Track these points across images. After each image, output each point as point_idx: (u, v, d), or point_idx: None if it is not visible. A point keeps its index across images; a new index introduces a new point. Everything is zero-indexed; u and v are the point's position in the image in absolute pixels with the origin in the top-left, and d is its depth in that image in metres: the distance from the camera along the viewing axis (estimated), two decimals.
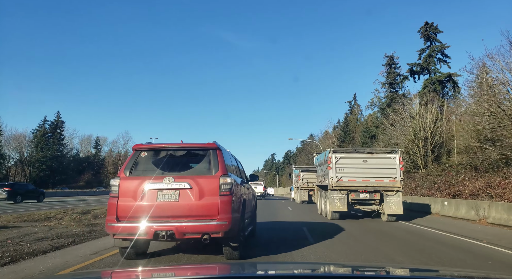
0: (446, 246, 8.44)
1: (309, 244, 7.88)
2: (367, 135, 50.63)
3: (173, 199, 5.44)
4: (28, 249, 6.84)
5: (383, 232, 10.62)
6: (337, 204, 13.28)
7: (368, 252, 7.38)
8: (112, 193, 5.60)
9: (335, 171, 13.35)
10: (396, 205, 13.00)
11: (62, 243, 7.59)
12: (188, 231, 5.34)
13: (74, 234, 8.49)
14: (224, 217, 5.38)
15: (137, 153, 5.92)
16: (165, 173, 5.65)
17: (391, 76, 49.83)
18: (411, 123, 30.20)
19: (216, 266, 3.24)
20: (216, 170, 5.68)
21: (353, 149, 14.77)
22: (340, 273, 2.44)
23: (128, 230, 5.35)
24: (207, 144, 6.04)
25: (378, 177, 13.23)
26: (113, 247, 6.72)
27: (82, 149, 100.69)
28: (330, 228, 11.33)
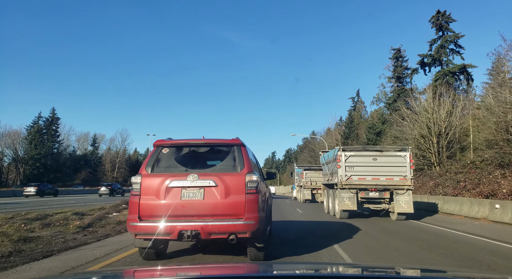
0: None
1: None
2: (373, 131, 48.40)
3: (197, 197, 5.20)
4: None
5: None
6: (347, 203, 13.10)
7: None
8: (133, 191, 5.32)
9: (344, 169, 13.11)
10: (407, 203, 12.83)
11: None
12: (214, 231, 5.10)
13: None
14: (251, 217, 5.15)
15: (159, 149, 5.63)
16: (189, 170, 5.42)
17: (398, 69, 47.56)
18: (424, 117, 27.94)
19: (244, 266, 3.13)
20: (242, 167, 5.43)
21: (363, 147, 14.40)
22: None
23: (151, 230, 5.10)
24: (231, 140, 5.78)
25: (388, 175, 12.99)
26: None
27: (79, 146, 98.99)
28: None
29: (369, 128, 49.81)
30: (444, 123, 26.99)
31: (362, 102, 69.83)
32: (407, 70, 47.30)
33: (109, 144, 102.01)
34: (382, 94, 55.68)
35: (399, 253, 6.99)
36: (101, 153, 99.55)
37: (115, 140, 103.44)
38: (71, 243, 7.18)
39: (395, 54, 48.01)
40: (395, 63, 48.30)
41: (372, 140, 48.16)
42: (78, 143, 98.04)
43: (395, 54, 48.01)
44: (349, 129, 56.70)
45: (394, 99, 46.53)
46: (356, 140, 53.61)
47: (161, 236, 5.13)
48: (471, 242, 8.54)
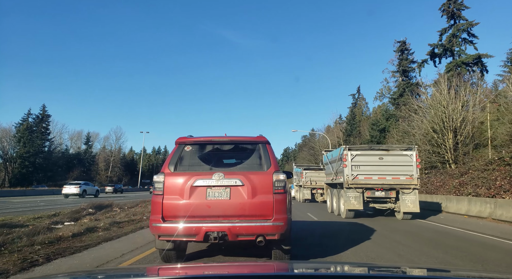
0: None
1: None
2: (377, 128, 45.92)
3: (223, 197, 4.95)
4: None
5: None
6: (353, 202, 13.09)
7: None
8: (156, 190, 5.05)
9: (350, 169, 13.07)
10: (413, 202, 12.87)
11: None
12: (242, 232, 4.82)
13: None
14: (279, 218, 4.91)
15: (181, 146, 5.40)
16: (213, 169, 5.19)
17: (403, 63, 45.10)
18: (439, 110, 25.44)
19: (273, 264, 2.95)
20: (268, 166, 5.20)
21: (369, 146, 14.31)
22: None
23: (175, 231, 4.81)
24: (256, 137, 5.60)
25: (394, 174, 12.96)
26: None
27: (72, 144, 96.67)
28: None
29: (373, 125, 47.33)
30: (460, 115, 24.54)
31: (363, 99, 67.47)
32: (413, 64, 44.92)
33: (103, 142, 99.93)
34: (386, 90, 53.32)
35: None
36: (95, 152, 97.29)
37: (109, 138, 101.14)
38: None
39: (400, 47, 45.57)
40: (400, 57, 45.87)
41: (376, 137, 45.74)
42: (71, 141, 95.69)
43: (400, 47, 45.57)
44: (351, 126, 54.24)
45: (399, 94, 44.10)
46: (359, 137, 51.20)
47: (186, 238, 4.95)
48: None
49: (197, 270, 2.34)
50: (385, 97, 52.71)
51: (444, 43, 32.01)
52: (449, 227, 11.33)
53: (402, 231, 10.11)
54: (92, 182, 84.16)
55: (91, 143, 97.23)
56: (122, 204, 15.72)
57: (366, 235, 9.09)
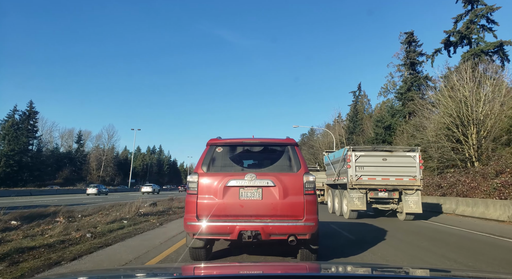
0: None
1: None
2: (382, 125, 42.86)
3: (256, 197, 5.08)
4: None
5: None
6: (356, 203, 13.20)
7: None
8: (190, 190, 5.21)
9: (354, 169, 13.20)
10: (415, 203, 12.98)
11: None
12: (274, 232, 4.94)
13: None
14: (310, 218, 5.04)
15: (212, 148, 5.52)
16: (245, 169, 5.36)
17: (411, 55, 42.11)
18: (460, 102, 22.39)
19: (305, 265, 3.10)
20: (298, 167, 5.29)
21: (372, 147, 14.22)
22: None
23: (210, 230, 5.00)
24: (285, 139, 5.68)
25: (397, 175, 13.10)
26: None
27: (63, 143, 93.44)
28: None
29: (377, 122, 44.26)
30: (485, 106, 21.54)
31: (365, 96, 64.52)
32: (421, 56, 42.00)
33: (95, 141, 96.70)
34: (391, 85, 50.31)
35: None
36: (87, 151, 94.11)
37: (102, 137, 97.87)
38: None
39: (407, 39, 42.60)
40: (408, 49, 42.90)
41: (381, 134, 42.71)
42: (62, 139, 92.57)
43: (407, 39, 42.60)
44: (354, 123, 51.20)
45: (407, 88, 41.13)
46: (362, 135, 48.19)
47: (220, 236, 5.13)
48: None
49: (232, 269, 2.44)
50: (390, 93, 49.71)
51: (461, 29, 28.98)
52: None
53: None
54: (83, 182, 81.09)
55: (83, 142, 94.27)
56: (80, 210, 12.69)
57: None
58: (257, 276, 2.03)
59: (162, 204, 17.79)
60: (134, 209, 12.24)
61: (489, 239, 9.01)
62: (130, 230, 8.88)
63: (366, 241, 8.07)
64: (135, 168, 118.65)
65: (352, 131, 49.85)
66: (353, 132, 49.83)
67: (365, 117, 55.41)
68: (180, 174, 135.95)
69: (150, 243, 7.41)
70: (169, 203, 18.70)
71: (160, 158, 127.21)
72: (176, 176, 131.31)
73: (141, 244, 7.22)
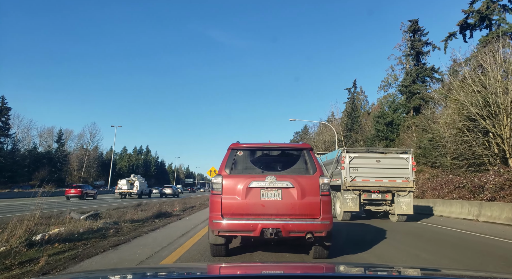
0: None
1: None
2: (383, 121, 39.25)
3: (276, 197, 5.43)
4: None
5: (420, 234, 10.14)
6: (349, 204, 13.32)
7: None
8: (214, 190, 5.56)
9: (349, 171, 13.34)
10: (407, 205, 13.21)
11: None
12: (294, 229, 5.31)
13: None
14: (326, 217, 5.40)
15: (234, 151, 5.90)
16: (265, 172, 5.66)
17: (416, 44, 38.66)
18: (488, 88, 18.71)
19: (323, 265, 3.11)
20: (314, 170, 5.64)
21: (366, 149, 14.77)
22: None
23: (234, 227, 5.37)
24: (301, 145, 6.10)
25: (391, 177, 13.24)
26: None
27: (42, 142, 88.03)
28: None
29: (378, 117, 40.49)
30: None
31: (362, 92, 61.10)
32: (426, 46, 38.64)
33: (77, 140, 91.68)
34: (392, 78, 46.88)
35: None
36: (69, 150, 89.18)
37: (84, 136, 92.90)
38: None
39: (412, 27, 39.07)
40: (412, 38, 39.48)
41: (382, 131, 39.02)
42: (41, 138, 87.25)
43: (412, 27, 39.07)
44: (352, 120, 47.55)
45: (412, 80, 37.65)
46: (361, 132, 44.54)
47: (244, 233, 5.44)
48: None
49: (254, 269, 2.52)
50: (391, 87, 46.21)
51: (481, 9, 25.44)
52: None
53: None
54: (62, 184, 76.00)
55: (64, 141, 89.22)
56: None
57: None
58: (278, 276, 2.12)
59: (111, 215, 11.02)
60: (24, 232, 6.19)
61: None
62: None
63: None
64: (120, 168, 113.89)
65: (350, 128, 46.18)
66: (351, 129, 46.16)
67: (362, 114, 51.93)
68: (168, 175, 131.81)
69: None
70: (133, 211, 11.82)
71: (147, 158, 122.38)
72: (163, 177, 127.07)
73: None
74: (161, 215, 11.45)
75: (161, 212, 12.04)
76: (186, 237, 7.92)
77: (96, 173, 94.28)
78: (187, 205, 17.98)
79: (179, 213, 13.74)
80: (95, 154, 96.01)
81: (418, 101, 36.46)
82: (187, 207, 17.05)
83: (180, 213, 13.53)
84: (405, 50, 44.32)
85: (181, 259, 5.80)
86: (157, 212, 11.72)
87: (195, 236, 8.08)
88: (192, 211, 15.27)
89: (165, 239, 7.50)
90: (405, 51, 44.15)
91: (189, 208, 16.77)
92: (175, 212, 13.65)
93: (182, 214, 13.59)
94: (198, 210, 15.95)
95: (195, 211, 15.37)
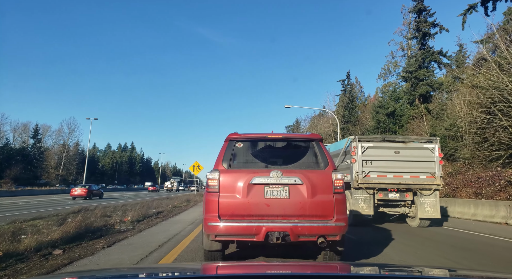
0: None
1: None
2: (384, 112, 35.34)
3: (282, 196, 4.68)
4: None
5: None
6: (362, 206, 11.07)
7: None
8: (210, 188, 4.79)
9: (361, 164, 11.05)
10: (433, 207, 11.02)
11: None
12: (304, 233, 4.55)
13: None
14: (341, 218, 4.68)
15: (232, 143, 5.13)
16: (269, 166, 4.94)
17: (422, 26, 34.80)
18: None
19: (336, 265, 2.91)
20: (326, 164, 4.95)
21: (382, 137, 11.79)
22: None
23: (234, 231, 4.60)
24: (310, 135, 5.39)
25: (413, 172, 10.99)
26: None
27: (16, 138, 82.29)
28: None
29: (379, 107, 36.59)
30: None
31: (358, 83, 57.22)
32: (433, 28, 34.81)
33: (56, 136, 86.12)
34: (392, 66, 43.09)
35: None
36: (46, 146, 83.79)
37: (63, 132, 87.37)
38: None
39: (417, 7, 35.27)
40: (417, 19, 35.67)
41: (384, 122, 35.14)
42: (15, 133, 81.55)
43: (417, 7, 35.27)
44: (349, 111, 43.59)
45: (418, 65, 33.77)
46: (360, 125, 40.70)
47: (245, 238, 4.69)
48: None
49: (258, 268, 2.30)
50: (391, 75, 42.40)
51: None
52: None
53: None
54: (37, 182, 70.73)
55: (41, 137, 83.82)
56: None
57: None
58: (286, 275, 1.93)
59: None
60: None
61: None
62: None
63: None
64: (103, 166, 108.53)
65: (347, 120, 42.24)
66: (348, 121, 42.23)
67: (357, 106, 48.07)
68: (154, 172, 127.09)
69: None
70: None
71: (132, 155, 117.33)
72: (149, 174, 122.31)
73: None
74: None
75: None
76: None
77: (76, 171, 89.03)
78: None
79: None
80: (75, 151, 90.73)
81: (425, 88, 32.61)
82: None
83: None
84: (406, 35, 40.60)
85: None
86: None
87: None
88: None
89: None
90: (406, 36, 40.41)
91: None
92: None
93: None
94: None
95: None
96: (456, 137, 21.40)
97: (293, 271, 2.10)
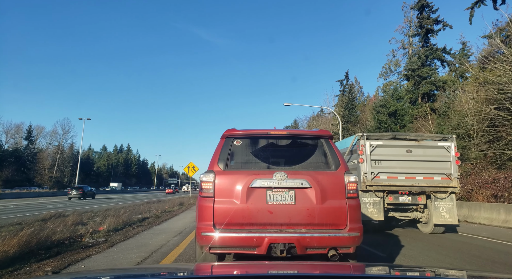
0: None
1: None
2: (386, 111, 34.12)
3: (288, 201, 4.11)
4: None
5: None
6: (370, 211, 10.07)
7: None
8: (203, 192, 4.20)
9: (370, 165, 10.08)
10: (449, 211, 10.03)
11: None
12: (313, 245, 3.97)
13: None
14: (355, 227, 4.11)
15: (229, 140, 4.52)
16: (272, 167, 4.36)
17: (425, 22, 33.69)
18: None
19: (350, 265, 2.64)
20: (337, 165, 4.35)
21: (392, 135, 10.60)
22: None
23: (231, 242, 4.00)
24: (319, 131, 4.74)
25: (426, 173, 10.04)
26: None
27: (9, 139, 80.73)
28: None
29: (380, 107, 35.36)
30: None
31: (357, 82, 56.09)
32: (436, 25, 33.72)
33: (50, 138, 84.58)
34: (393, 64, 41.97)
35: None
36: (41, 148, 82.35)
37: (57, 133, 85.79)
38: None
39: (420, 3, 34.19)
40: (420, 15, 34.57)
41: (385, 122, 33.95)
42: (7, 135, 79.95)
43: (420, 3, 34.19)
44: (349, 110, 42.41)
45: (421, 63, 32.62)
46: (360, 125, 39.54)
47: (244, 250, 4.06)
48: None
49: (261, 268, 2.15)
50: (392, 74, 41.26)
51: None
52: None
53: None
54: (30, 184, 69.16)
55: (34, 138, 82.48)
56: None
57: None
58: (290, 275, 1.79)
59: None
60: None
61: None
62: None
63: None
64: (99, 167, 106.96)
65: (347, 120, 41.04)
66: (348, 121, 41.03)
67: (357, 107, 46.93)
68: (150, 174, 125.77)
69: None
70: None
71: (128, 157, 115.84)
72: (145, 176, 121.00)
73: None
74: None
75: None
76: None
77: (70, 172, 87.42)
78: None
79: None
80: (70, 152, 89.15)
81: (429, 86, 31.43)
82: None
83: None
84: (408, 33, 39.50)
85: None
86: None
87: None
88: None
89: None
90: (408, 34, 39.30)
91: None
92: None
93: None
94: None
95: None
96: (464, 136, 20.23)
97: (300, 271, 1.98)
